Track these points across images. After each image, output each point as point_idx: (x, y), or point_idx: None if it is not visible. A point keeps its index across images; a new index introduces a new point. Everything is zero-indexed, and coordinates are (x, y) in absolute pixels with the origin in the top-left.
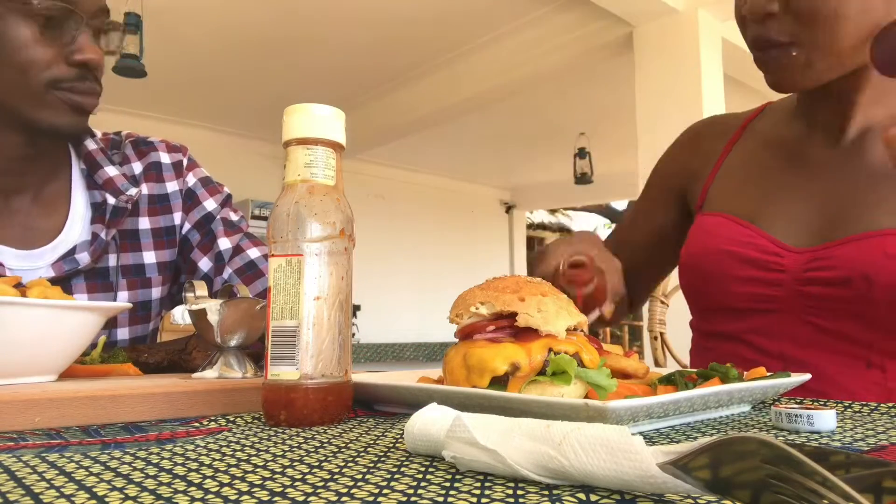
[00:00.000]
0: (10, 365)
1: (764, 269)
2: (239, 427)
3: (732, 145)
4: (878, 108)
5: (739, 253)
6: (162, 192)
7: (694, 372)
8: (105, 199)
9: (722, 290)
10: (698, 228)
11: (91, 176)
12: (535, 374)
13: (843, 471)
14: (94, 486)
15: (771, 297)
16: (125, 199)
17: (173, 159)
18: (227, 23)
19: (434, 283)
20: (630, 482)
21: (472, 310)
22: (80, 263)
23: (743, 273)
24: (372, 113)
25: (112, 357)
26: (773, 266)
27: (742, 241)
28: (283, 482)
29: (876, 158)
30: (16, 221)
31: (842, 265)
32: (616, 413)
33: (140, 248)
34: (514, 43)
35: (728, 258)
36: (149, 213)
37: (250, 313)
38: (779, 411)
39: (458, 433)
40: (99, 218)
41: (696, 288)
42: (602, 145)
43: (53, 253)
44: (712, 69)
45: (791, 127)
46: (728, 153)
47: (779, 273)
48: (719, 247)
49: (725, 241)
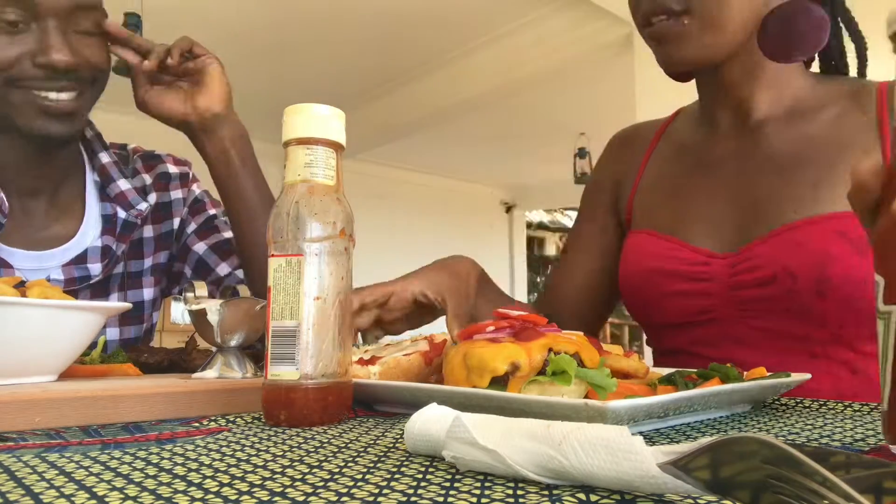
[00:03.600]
0: (10, 365)
1: (692, 281)
2: (239, 427)
3: (650, 154)
4: (773, 98)
5: (665, 268)
6: (166, 199)
7: (694, 372)
8: (116, 213)
9: (658, 308)
10: (627, 249)
11: (104, 189)
12: (535, 374)
13: (843, 471)
14: (94, 486)
15: (705, 307)
16: (135, 214)
17: (180, 171)
18: (227, 23)
19: None
20: (630, 482)
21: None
22: (90, 274)
23: (673, 287)
24: (372, 113)
25: (112, 357)
26: (700, 276)
27: (667, 256)
28: (283, 482)
29: (776, 148)
30: (29, 223)
31: (765, 264)
32: (616, 413)
33: (143, 255)
34: (514, 43)
35: (656, 275)
36: (152, 221)
37: (250, 313)
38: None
39: (457, 433)
40: (109, 230)
41: (638, 308)
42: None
43: (64, 256)
44: None
45: (698, 130)
46: (647, 162)
47: (707, 282)
48: (647, 265)
49: (651, 258)
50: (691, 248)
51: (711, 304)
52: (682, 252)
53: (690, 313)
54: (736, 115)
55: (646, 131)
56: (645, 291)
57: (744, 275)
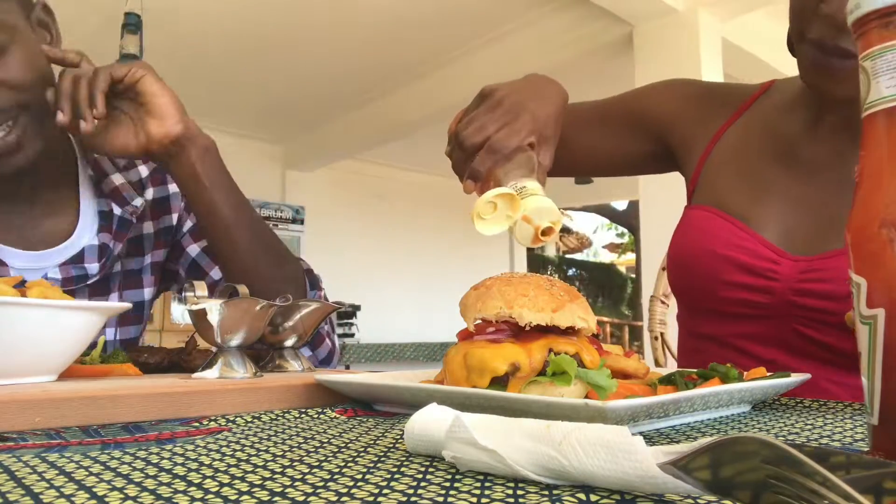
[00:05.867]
0: (10, 365)
1: (757, 276)
2: (239, 427)
3: (732, 123)
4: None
5: (733, 257)
6: (164, 194)
7: (694, 372)
8: (112, 209)
9: (712, 293)
10: (689, 223)
11: (99, 184)
12: (535, 374)
13: (843, 471)
14: (94, 486)
15: (761, 304)
16: (130, 212)
17: None
18: (228, 23)
19: (434, 283)
20: (630, 482)
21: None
22: (88, 273)
23: (735, 278)
24: (372, 113)
25: (112, 357)
26: (767, 273)
27: (736, 245)
28: (283, 482)
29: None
30: (21, 224)
31: (837, 277)
32: (616, 413)
33: (143, 252)
34: (514, 43)
35: (721, 261)
36: (152, 217)
37: (250, 313)
38: None
39: (457, 433)
40: (106, 227)
41: (685, 287)
42: None
43: (61, 255)
44: (712, 69)
45: (791, 117)
46: (726, 130)
47: (772, 281)
48: (712, 248)
49: (718, 241)
50: (764, 243)
51: (768, 302)
52: (752, 243)
53: (745, 305)
54: (842, 122)
55: (730, 96)
56: (702, 272)
57: (812, 283)
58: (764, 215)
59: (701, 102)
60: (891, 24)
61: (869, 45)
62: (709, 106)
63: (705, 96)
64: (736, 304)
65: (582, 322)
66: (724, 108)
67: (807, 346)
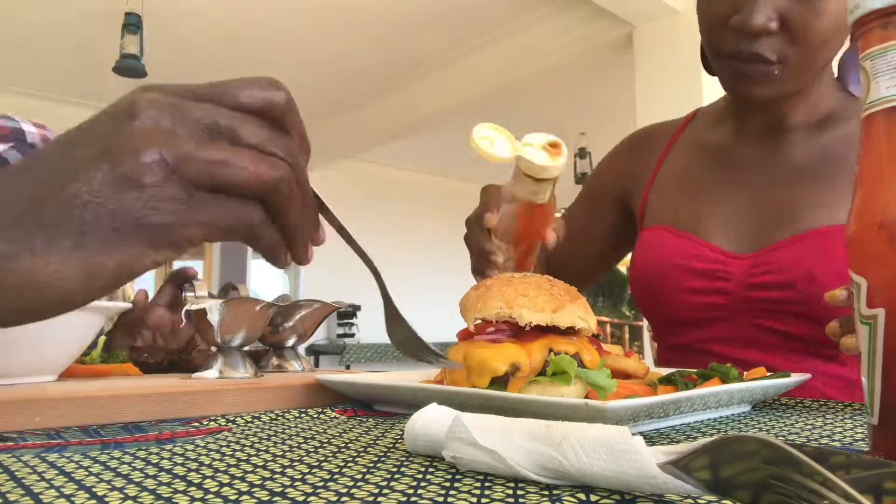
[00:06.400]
0: (10, 365)
1: (709, 278)
2: (239, 427)
3: (668, 152)
4: (808, 111)
5: (681, 264)
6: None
7: (694, 372)
8: None
9: (673, 303)
10: (642, 244)
11: None
12: (535, 374)
13: (843, 471)
14: (94, 486)
15: (719, 305)
16: None
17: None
18: (227, 23)
19: (434, 283)
20: (630, 482)
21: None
22: None
23: (690, 284)
24: (372, 113)
25: (112, 357)
26: (717, 274)
27: (683, 252)
28: (283, 482)
29: (803, 156)
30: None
31: (786, 268)
32: (616, 413)
33: None
34: (514, 43)
35: (675, 272)
36: None
37: (250, 313)
38: None
39: (457, 433)
40: None
41: (648, 303)
42: (602, 145)
43: None
44: None
45: (721, 129)
46: (664, 160)
47: (724, 281)
48: (662, 259)
49: (667, 253)
50: (710, 247)
51: (725, 303)
52: (700, 249)
53: (703, 310)
54: (767, 122)
55: (662, 131)
56: (658, 285)
57: (764, 276)
58: (710, 224)
59: (633, 151)
60: (890, 24)
61: (869, 45)
62: (641, 150)
63: (636, 144)
64: (696, 309)
65: (582, 322)
66: (656, 144)
67: (773, 338)
